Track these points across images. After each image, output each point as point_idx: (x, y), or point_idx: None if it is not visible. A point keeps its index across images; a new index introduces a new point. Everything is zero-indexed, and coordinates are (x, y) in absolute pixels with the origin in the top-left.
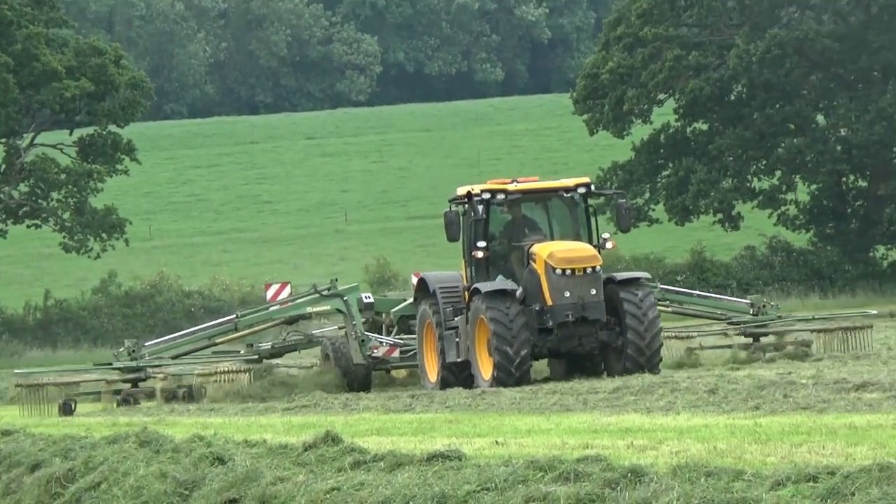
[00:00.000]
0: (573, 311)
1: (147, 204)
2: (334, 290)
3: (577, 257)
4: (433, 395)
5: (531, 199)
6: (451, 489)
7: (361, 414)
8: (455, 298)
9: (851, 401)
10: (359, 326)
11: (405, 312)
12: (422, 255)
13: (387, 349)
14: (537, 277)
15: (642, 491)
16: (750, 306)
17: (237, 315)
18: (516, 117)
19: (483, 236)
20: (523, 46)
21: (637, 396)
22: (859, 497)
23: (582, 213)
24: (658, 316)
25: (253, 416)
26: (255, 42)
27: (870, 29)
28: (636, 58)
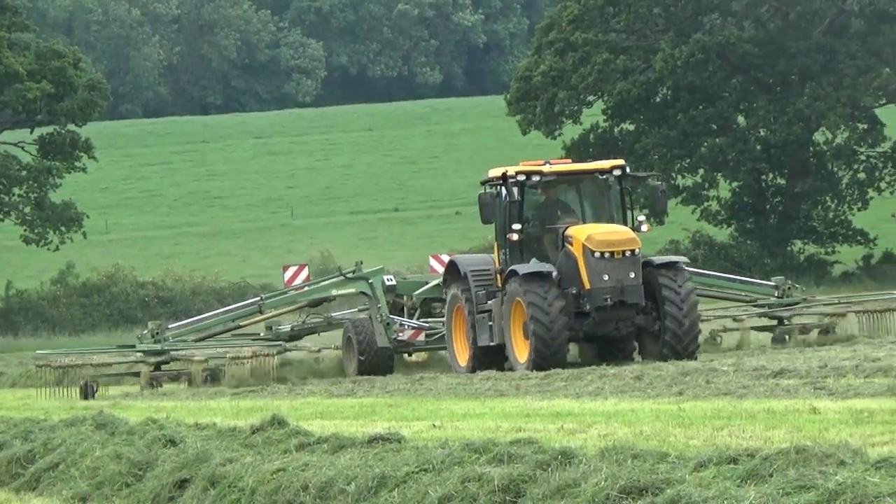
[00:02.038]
0: (612, 295)
1: (103, 199)
2: (359, 272)
3: (617, 240)
4: (374, 380)
5: (565, 182)
6: (390, 470)
7: (306, 398)
8: (487, 281)
9: (770, 387)
10: (384, 309)
11: (428, 295)
12: (364, 248)
13: (412, 332)
14: (574, 260)
15: (572, 472)
16: (775, 289)
17: (261, 298)
18: (453, 118)
19: (518, 218)
20: (460, 51)
21: (567, 382)
22: (777, 478)
23: (616, 196)
24: (697, 302)
25: (203, 400)
26: (207, 46)
27: (787, 35)
28: (567, 62)
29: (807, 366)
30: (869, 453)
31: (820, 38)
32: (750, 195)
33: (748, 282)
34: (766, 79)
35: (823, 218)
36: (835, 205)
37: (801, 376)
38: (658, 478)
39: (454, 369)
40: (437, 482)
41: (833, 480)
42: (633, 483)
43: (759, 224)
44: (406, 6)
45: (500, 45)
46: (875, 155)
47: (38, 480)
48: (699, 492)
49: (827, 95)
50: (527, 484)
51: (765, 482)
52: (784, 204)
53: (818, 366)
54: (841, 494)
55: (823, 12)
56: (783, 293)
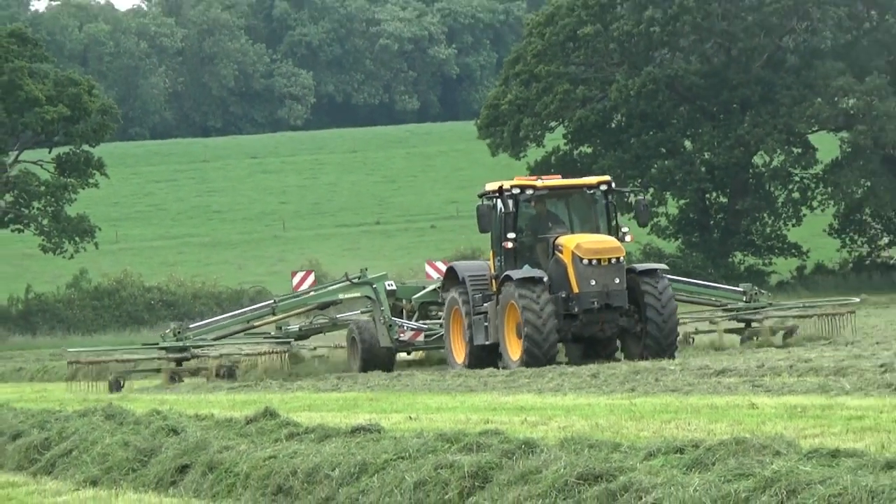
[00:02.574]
0: (598, 299)
1: (114, 212)
2: (364, 278)
3: (603, 248)
4: (356, 376)
5: (555, 195)
6: (371, 458)
7: (295, 393)
8: (483, 286)
9: (713, 384)
10: (387, 312)
11: (426, 299)
12: (348, 258)
13: (412, 333)
14: (564, 267)
15: (534, 460)
16: (742, 294)
17: (275, 300)
18: (430, 141)
19: (513, 228)
20: (436, 81)
21: (530, 379)
22: (719, 466)
23: (602, 209)
24: (676, 306)
25: (202, 394)
26: (208, 75)
27: (730, 68)
28: (531, 91)
29: (746, 365)
30: (801, 445)
31: (759, 71)
32: (695, 212)
33: (718, 287)
34: (710, 107)
35: (761, 233)
36: (772, 221)
37: (741, 375)
38: (612, 466)
39: (452, 366)
40: (413, 468)
41: (769, 469)
42: (590, 470)
43: (704, 238)
44: (387, 41)
45: (472, 76)
46: (808, 176)
47: (54, 465)
48: (649, 478)
49: (765, 123)
50: (493, 471)
51: (708, 470)
52: (726, 220)
53: (756, 365)
54: (776, 481)
55: (762, 48)
56: (750, 298)
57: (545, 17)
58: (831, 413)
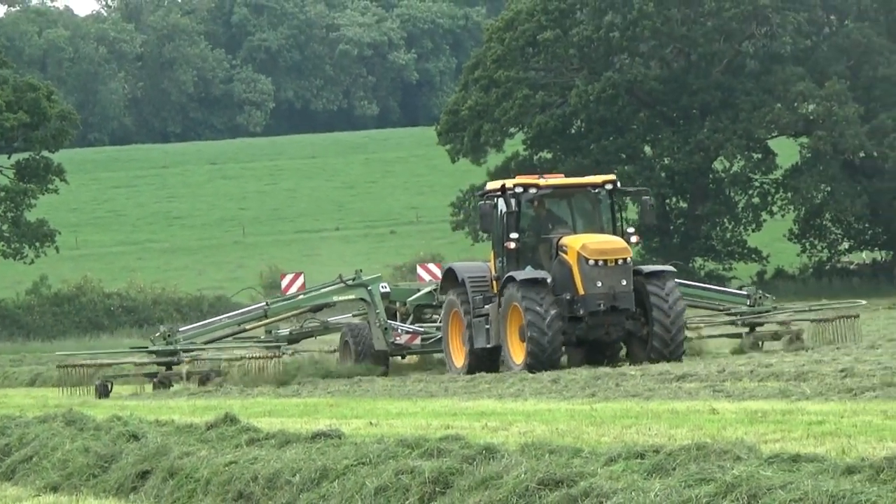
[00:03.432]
0: (605, 301)
1: (74, 218)
2: (359, 280)
3: (610, 249)
4: (317, 382)
5: (559, 195)
6: (331, 463)
7: (256, 398)
8: (484, 287)
9: (673, 389)
10: (382, 315)
11: (421, 302)
12: (307, 263)
13: (409, 337)
14: (568, 268)
15: (495, 466)
16: (747, 298)
17: (267, 303)
18: (389, 147)
19: (515, 228)
20: (395, 86)
21: (491, 384)
22: (680, 471)
23: (606, 209)
24: (683, 309)
25: (163, 399)
26: (167, 81)
27: (689, 74)
28: (491, 97)
29: (707, 371)
30: (762, 450)
31: (719, 76)
32: (655, 217)
33: (722, 291)
34: (670, 113)
35: (721, 238)
36: (732, 226)
37: (702, 380)
38: (572, 471)
39: (450, 371)
40: (374, 474)
41: (730, 474)
42: (550, 476)
43: (664, 243)
44: (346, 46)
45: (432, 82)
46: (768, 182)
47: (14, 472)
48: (609, 484)
49: (725, 128)
50: (454, 476)
51: (669, 475)
52: (686, 225)
53: (717, 370)
54: (737, 486)
55: (722, 53)
56: (754, 302)
57: (505, 22)
58: (792, 418)
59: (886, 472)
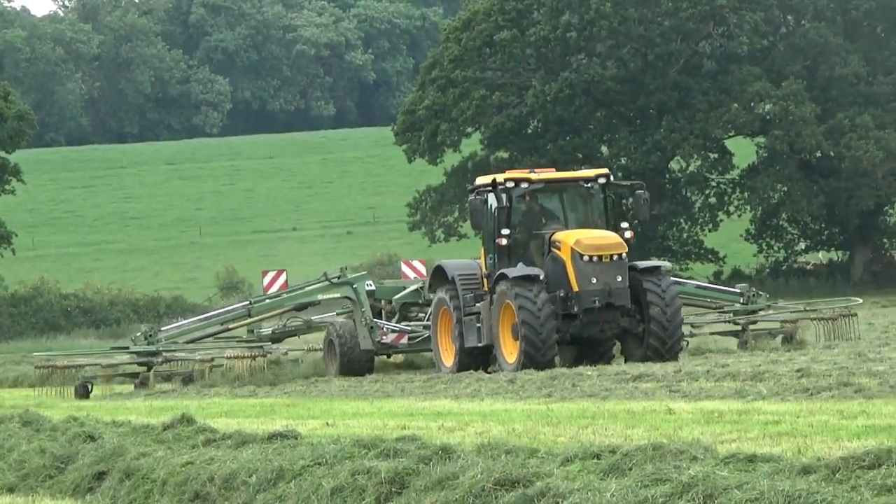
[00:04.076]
0: (600, 297)
1: (31, 219)
2: (344, 278)
3: (605, 244)
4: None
5: (551, 189)
6: (288, 464)
7: (212, 399)
8: (474, 285)
9: (630, 390)
10: (368, 313)
11: (407, 300)
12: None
13: (395, 335)
14: (562, 264)
15: (451, 466)
16: (740, 295)
17: (250, 301)
18: (346, 147)
19: (507, 224)
20: (352, 87)
21: (447, 385)
22: (636, 472)
23: (599, 203)
24: (680, 306)
25: (120, 400)
26: (124, 81)
27: (646, 74)
28: (448, 97)
29: (663, 371)
30: (718, 450)
31: (675, 76)
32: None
33: (714, 288)
34: (627, 113)
35: (678, 238)
36: (688, 226)
37: (658, 380)
38: (529, 471)
39: (439, 370)
40: (330, 475)
41: (686, 474)
42: (507, 476)
43: None
44: (304, 46)
45: (389, 82)
46: (724, 182)
47: None
48: (566, 484)
49: (681, 128)
50: (411, 477)
51: (625, 475)
52: (643, 225)
53: (673, 371)
54: (693, 486)
55: (679, 53)
56: (748, 300)
57: (462, 22)
58: (748, 418)
59: (842, 471)
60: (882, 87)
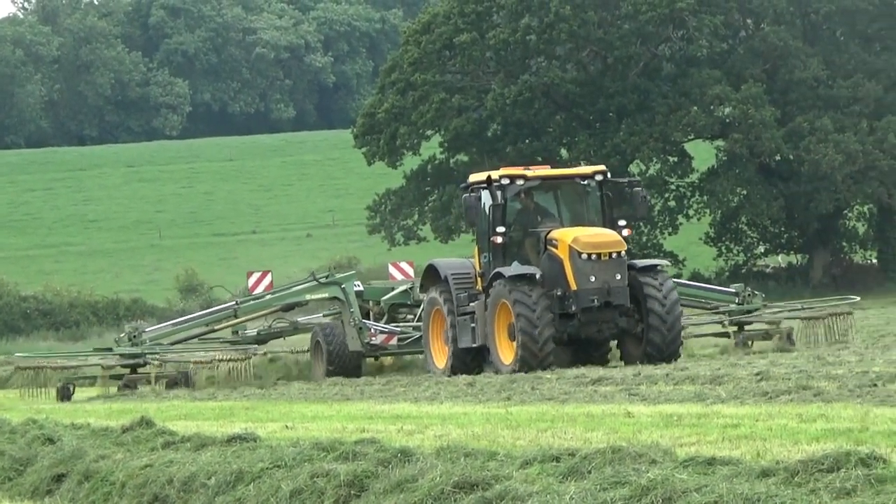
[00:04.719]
0: (598, 296)
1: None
2: (332, 278)
3: (603, 242)
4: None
5: (547, 186)
6: (247, 466)
7: (172, 401)
8: (468, 284)
9: (589, 393)
10: (356, 314)
11: (396, 300)
12: (224, 267)
13: (385, 337)
14: (559, 263)
15: (410, 469)
16: (735, 295)
17: (237, 302)
18: (305, 150)
19: (502, 222)
20: (312, 89)
21: (406, 388)
22: (595, 475)
23: (596, 201)
24: (680, 307)
25: (79, 403)
26: (84, 84)
27: (606, 76)
28: (408, 100)
29: (622, 374)
30: (677, 453)
31: (635, 79)
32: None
33: (709, 288)
34: (586, 116)
35: (637, 241)
36: (648, 230)
37: (617, 383)
38: (488, 474)
39: (431, 372)
40: (289, 477)
41: (645, 477)
42: (466, 479)
43: None
44: (263, 49)
45: (348, 85)
46: (684, 185)
47: None
48: (525, 487)
49: (641, 131)
50: (370, 479)
51: (584, 478)
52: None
53: (633, 374)
54: (652, 490)
55: (638, 56)
56: (743, 300)
57: (421, 25)
58: (707, 421)
59: (801, 475)
60: (841, 91)
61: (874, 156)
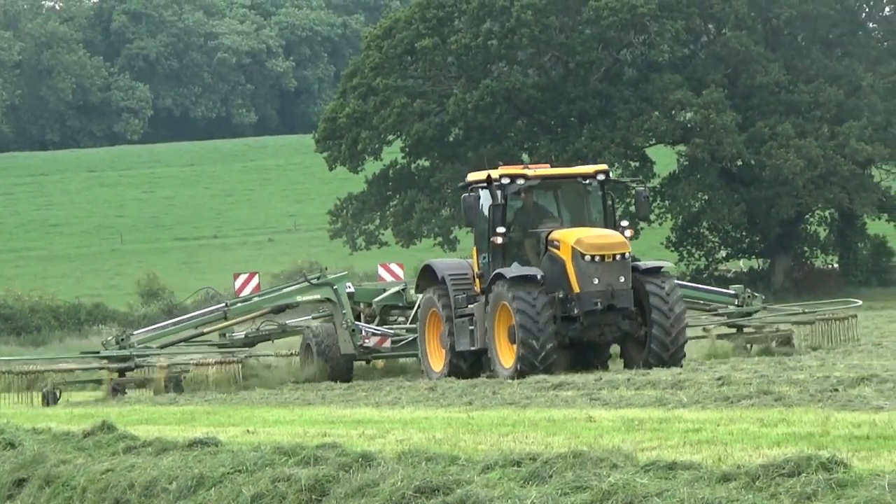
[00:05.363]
0: (602, 299)
1: None
2: (324, 279)
3: (608, 244)
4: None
5: (548, 186)
6: (208, 471)
7: (133, 406)
8: (466, 285)
9: (550, 397)
10: (349, 316)
11: (387, 302)
12: (185, 271)
13: (378, 339)
14: (561, 264)
15: (371, 473)
16: (734, 297)
17: (227, 304)
18: (267, 154)
19: (502, 222)
20: (273, 94)
21: (367, 392)
22: (556, 479)
23: (597, 201)
24: (684, 310)
25: (40, 407)
26: (45, 88)
27: (567, 82)
28: (369, 105)
29: (583, 379)
30: (638, 457)
31: (597, 84)
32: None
33: (708, 290)
34: (548, 121)
35: None
36: None
37: (579, 388)
38: (449, 479)
39: (427, 375)
40: (251, 482)
41: (606, 482)
42: (427, 483)
43: None
44: (225, 54)
45: (310, 90)
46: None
47: None
48: (486, 491)
49: (603, 136)
50: (331, 484)
51: (545, 483)
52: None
53: (594, 379)
54: (613, 494)
55: (600, 62)
56: (743, 302)
57: (383, 30)
58: (668, 426)
59: (762, 479)
60: (802, 96)
61: (835, 161)
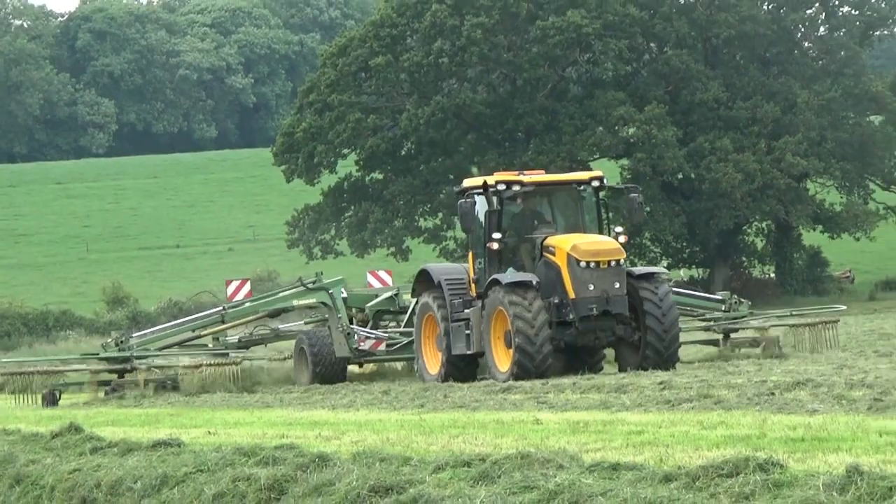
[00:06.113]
0: (597, 305)
1: None
2: (320, 283)
3: (603, 250)
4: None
5: (543, 192)
6: (171, 471)
7: (99, 409)
8: (462, 290)
9: (499, 401)
10: (344, 320)
11: (381, 307)
12: (149, 280)
13: (373, 343)
14: (556, 270)
15: (328, 473)
16: (721, 303)
17: (224, 308)
18: (227, 167)
19: (498, 227)
20: (233, 109)
21: (324, 395)
22: (504, 479)
23: (591, 207)
24: (678, 314)
25: (10, 409)
26: (14, 103)
27: (515, 98)
28: (325, 120)
29: (531, 383)
30: (584, 458)
31: (543, 101)
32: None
33: (694, 295)
34: (496, 135)
35: None
36: None
37: (527, 392)
38: (402, 478)
39: (423, 379)
40: (212, 481)
41: (553, 482)
42: (381, 483)
43: None
44: (186, 71)
45: (268, 105)
46: None
47: None
48: (437, 491)
49: (549, 150)
50: (289, 483)
51: (494, 483)
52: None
53: (541, 383)
54: (559, 494)
55: (546, 79)
56: (729, 308)
57: (338, 48)
58: (612, 428)
59: (702, 479)
60: (741, 112)
61: (772, 174)
